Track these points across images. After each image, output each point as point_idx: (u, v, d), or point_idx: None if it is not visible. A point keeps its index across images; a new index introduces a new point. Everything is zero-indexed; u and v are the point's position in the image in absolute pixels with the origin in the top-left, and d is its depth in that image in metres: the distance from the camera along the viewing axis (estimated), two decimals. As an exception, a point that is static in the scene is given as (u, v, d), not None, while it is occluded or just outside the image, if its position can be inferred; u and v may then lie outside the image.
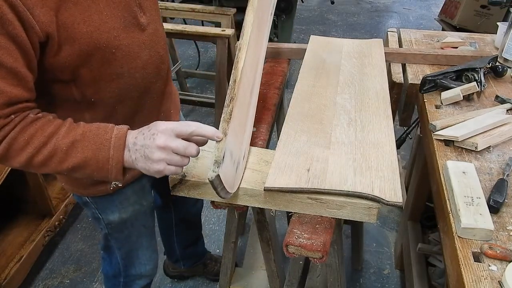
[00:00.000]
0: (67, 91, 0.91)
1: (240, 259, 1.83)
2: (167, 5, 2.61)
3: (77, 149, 0.82)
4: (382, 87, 1.27)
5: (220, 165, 0.77)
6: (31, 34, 0.76)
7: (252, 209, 1.17)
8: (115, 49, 0.89)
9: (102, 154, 0.82)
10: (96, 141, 0.82)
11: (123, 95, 0.97)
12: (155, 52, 1.00)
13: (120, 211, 1.16)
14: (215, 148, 0.79)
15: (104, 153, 0.82)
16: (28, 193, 1.84)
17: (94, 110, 0.95)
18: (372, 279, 1.90)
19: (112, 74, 0.92)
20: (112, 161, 0.83)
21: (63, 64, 0.84)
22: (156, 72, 1.02)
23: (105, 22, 0.86)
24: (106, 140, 0.82)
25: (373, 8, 5.14)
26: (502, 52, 1.50)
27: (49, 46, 0.81)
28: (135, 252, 1.28)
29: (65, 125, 0.83)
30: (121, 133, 0.84)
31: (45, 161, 0.81)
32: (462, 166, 1.00)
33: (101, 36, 0.85)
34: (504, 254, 0.81)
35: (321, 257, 0.87)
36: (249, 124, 1.04)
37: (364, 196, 0.90)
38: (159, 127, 0.81)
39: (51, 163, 0.82)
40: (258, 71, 1.08)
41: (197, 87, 3.38)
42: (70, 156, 0.82)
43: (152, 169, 0.81)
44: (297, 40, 4.17)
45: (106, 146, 0.82)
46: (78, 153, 0.82)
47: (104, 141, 0.82)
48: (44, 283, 1.87)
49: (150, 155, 0.80)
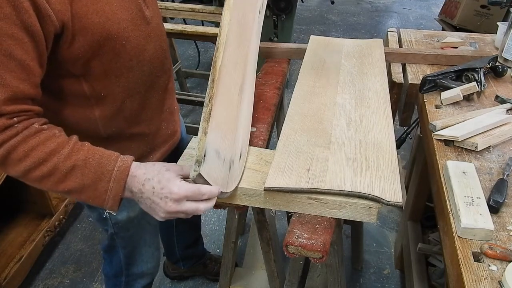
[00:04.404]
0: (77, 86, 0.91)
1: (240, 259, 1.83)
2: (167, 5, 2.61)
3: (76, 174, 0.80)
4: (382, 87, 1.27)
5: (201, 164, 0.77)
6: (48, 24, 0.76)
7: (252, 209, 1.17)
8: (125, 40, 0.90)
9: (101, 185, 0.81)
10: (97, 170, 0.81)
11: (132, 89, 0.97)
12: (159, 45, 1.01)
13: (129, 210, 1.16)
14: (196, 148, 0.79)
15: (103, 184, 0.81)
16: (28, 193, 1.84)
17: (103, 105, 0.96)
18: (372, 279, 1.90)
19: (122, 67, 0.93)
20: (110, 193, 0.82)
21: (76, 56, 0.84)
22: (161, 66, 1.03)
23: (115, 13, 0.86)
24: (108, 171, 0.81)
25: (373, 8, 5.14)
26: (502, 52, 1.50)
27: (63, 37, 0.80)
28: (139, 249, 1.28)
29: (69, 145, 0.81)
30: (124, 166, 0.83)
31: (41, 178, 0.80)
32: (462, 166, 1.00)
33: (112, 27, 0.86)
34: (504, 254, 0.81)
35: (321, 257, 0.87)
36: (244, 123, 1.04)
37: (364, 196, 0.90)
38: (172, 189, 0.80)
39: (47, 182, 0.80)
40: (248, 71, 1.07)
41: (197, 87, 3.38)
42: (69, 179, 0.80)
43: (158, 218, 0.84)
44: (297, 40, 4.17)
45: (106, 177, 0.81)
46: (77, 178, 0.80)
47: (106, 172, 0.81)
48: (44, 283, 1.87)
49: (157, 211, 0.82)
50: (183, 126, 1.37)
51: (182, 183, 0.81)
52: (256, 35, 1.15)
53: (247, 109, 1.09)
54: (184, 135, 1.36)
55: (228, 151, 0.90)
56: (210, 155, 0.80)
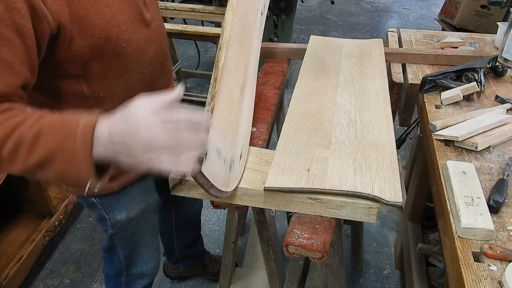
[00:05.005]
0: (76, 87, 0.90)
1: (240, 259, 1.83)
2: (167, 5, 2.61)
3: (42, 140, 0.70)
4: (382, 87, 1.27)
5: (203, 161, 0.77)
6: (43, 25, 0.75)
7: (252, 209, 1.17)
8: (125, 43, 0.89)
9: (67, 146, 0.69)
10: (61, 131, 0.70)
11: (132, 90, 0.97)
12: (160, 47, 1.01)
13: (128, 211, 1.16)
14: None
15: (70, 145, 0.69)
16: (28, 193, 1.84)
17: (102, 106, 0.95)
18: (372, 279, 1.90)
19: (121, 69, 0.92)
20: (79, 155, 0.69)
21: (75, 57, 0.84)
22: (161, 68, 1.03)
23: (115, 15, 0.86)
24: (72, 130, 0.69)
25: (373, 8, 5.14)
26: (502, 52, 1.50)
27: (61, 38, 0.80)
28: (138, 250, 1.28)
29: (34, 115, 0.72)
30: (91, 121, 0.70)
31: (11, 154, 0.70)
32: (462, 166, 1.00)
33: (111, 29, 0.86)
34: (504, 254, 0.81)
35: (321, 257, 0.87)
36: (244, 123, 1.04)
37: (364, 196, 0.90)
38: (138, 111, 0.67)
39: (18, 157, 0.70)
40: (250, 70, 1.07)
41: (197, 87, 3.38)
42: (36, 148, 0.70)
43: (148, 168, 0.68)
44: (297, 40, 4.17)
45: (72, 136, 0.69)
46: (44, 144, 0.70)
47: (70, 131, 0.69)
48: (44, 283, 1.87)
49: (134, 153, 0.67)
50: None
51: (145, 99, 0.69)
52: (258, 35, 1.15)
53: (248, 109, 1.09)
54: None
55: (228, 151, 0.90)
56: (211, 153, 0.81)
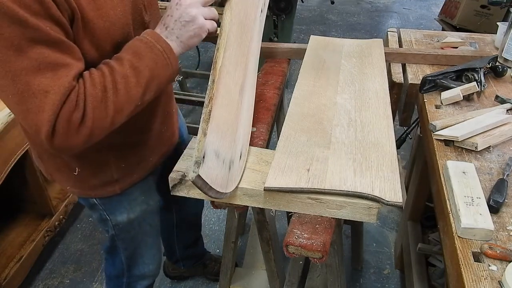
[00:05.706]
0: None
1: (240, 259, 1.83)
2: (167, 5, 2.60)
3: (139, 63, 0.84)
4: (382, 87, 1.27)
5: (201, 165, 0.77)
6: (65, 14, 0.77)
7: (252, 209, 1.17)
8: None
9: (155, 52, 0.86)
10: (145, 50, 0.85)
11: None
12: None
13: (129, 212, 1.16)
14: (195, 149, 0.79)
15: (156, 50, 0.86)
16: (28, 193, 1.84)
17: None
18: (372, 279, 1.90)
19: None
20: (165, 54, 0.87)
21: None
22: None
23: (119, 18, 0.87)
24: (147, 43, 0.86)
25: (373, 8, 5.14)
26: (502, 52, 1.50)
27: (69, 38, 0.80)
28: (140, 251, 1.28)
29: (110, 63, 0.84)
30: (149, 31, 0.88)
31: (126, 89, 0.83)
32: (462, 166, 1.00)
33: (116, 32, 0.86)
34: (504, 254, 0.81)
35: (321, 257, 0.87)
36: (244, 124, 1.04)
37: (364, 196, 0.90)
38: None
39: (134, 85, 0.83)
40: (250, 71, 1.07)
41: (197, 87, 3.38)
42: (139, 69, 0.84)
43: (195, 31, 0.89)
44: (297, 40, 4.17)
45: (153, 47, 0.86)
46: (142, 65, 0.84)
47: (147, 46, 0.85)
48: (44, 283, 1.87)
49: (186, 18, 0.88)
50: (184, 126, 1.37)
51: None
52: (257, 34, 1.15)
53: (247, 109, 1.09)
54: (185, 136, 1.35)
55: (228, 152, 0.90)
56: (209, 156, 0.80)
